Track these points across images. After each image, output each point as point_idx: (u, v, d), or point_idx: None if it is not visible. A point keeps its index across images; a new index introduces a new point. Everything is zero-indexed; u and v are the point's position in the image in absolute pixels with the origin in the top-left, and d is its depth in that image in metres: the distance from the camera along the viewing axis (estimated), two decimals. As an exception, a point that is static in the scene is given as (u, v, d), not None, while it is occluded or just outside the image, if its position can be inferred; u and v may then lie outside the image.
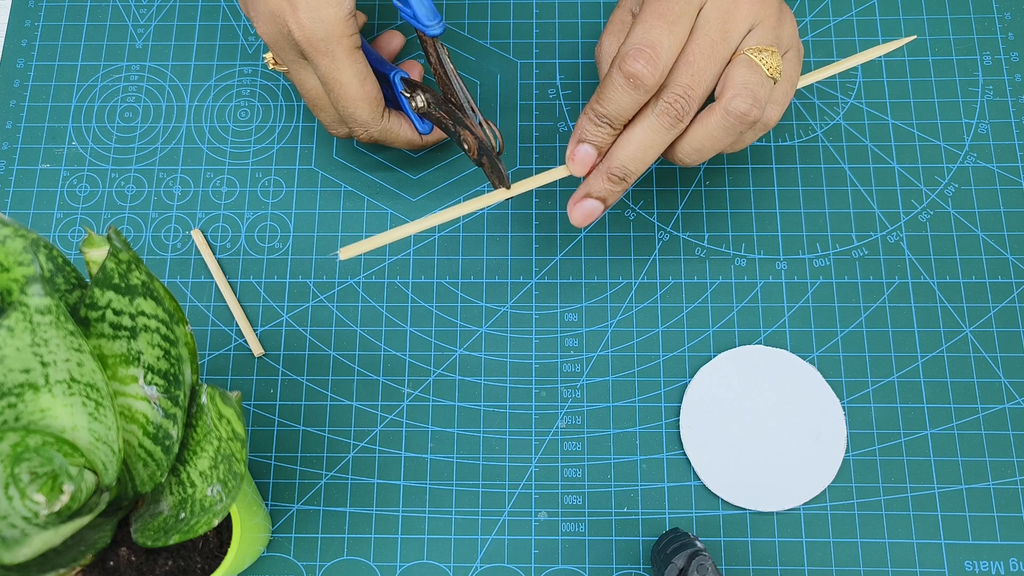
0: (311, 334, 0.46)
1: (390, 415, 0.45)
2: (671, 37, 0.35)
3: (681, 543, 0.38)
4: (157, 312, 0.30)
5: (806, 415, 0.44)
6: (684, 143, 0.38)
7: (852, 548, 0.42)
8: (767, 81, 0.36)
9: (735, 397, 0.44)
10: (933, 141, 0.48)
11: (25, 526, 0.29)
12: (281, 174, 0.49)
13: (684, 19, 0.36)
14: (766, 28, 0.37)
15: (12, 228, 0.30)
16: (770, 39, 0.37)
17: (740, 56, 0.37)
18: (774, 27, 0.38)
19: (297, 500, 0.44)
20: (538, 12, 0.52)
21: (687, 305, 0.46)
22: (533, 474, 0.44)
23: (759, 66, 0.36)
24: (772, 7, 0.38)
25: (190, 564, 0.36)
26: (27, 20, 0.53)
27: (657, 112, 0.36)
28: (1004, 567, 0.41)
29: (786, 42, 0.39)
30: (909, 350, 0.45)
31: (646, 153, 0.37)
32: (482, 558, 0.42)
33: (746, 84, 0.36)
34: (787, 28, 0.39)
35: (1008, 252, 0.46)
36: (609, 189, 0.38)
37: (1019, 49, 0.50)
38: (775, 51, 0.37)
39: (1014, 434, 0.43)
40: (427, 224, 0.39)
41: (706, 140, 0.37)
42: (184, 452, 0.32)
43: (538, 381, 0.45)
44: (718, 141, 0.37)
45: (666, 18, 0.35)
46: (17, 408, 0.29)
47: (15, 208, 0.49)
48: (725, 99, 0.36)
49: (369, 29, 0.52)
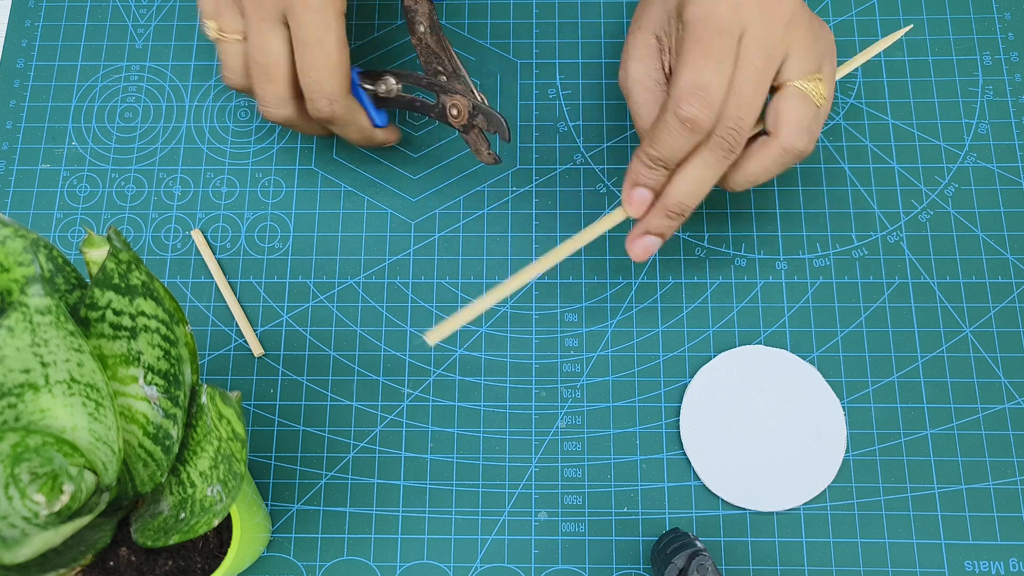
0: (311, 334, 0.46)
1: (390, 415, 0.45)
2: (719, 76, 0.35)
3: (681, 543, 0.38)
4: (157, 312, 0.30)
5: (806, 415, 0.44)
6: (738, 174, 0.39)
7: (852, 548, 0.42)
8: (819, 113, 0.37)
9: (735, 397, 0.44)
10: (933, 141, 0.48)
11: (25, 526, 0.29)
12: (281, 174, 0.49)
13: (728, 54, 0.36)
14: (804, 51, 0.37)
15: (12, 228, 0.30)
16: (812, 64, 0.38)
17: (790, 87, 0.37)
18: (811, 48, 0.38)
19: (297, 500, 0.44)
20: (538, 12, 0.52)
21: (687, 305, 0.46)
22: (533, 474, 0.44)
23: (810, 98, 0.37)
24: (803, 27, 0.38)
25: (190, 564, 0.36)
26: (27, 20, 0.53)
27: (711, 147, 0.37)
28: (1004, 567, 0.41)
29: (822, 57, 0.38)
30: (909, 350, 0.45)
31: (702, 187, 0.38)
32: (482, 558, 0.42)
33: (801, 121, 0.37)
34: (822, 43, 0.39)
35: (1008, 252, 0.46)
36: (667, 225, 0.39)
37: (1019, 49, 0.50)
38: (820, 77, 0.37)
39: (1014, 434, 0.43)
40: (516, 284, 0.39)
41: (761, 172, 0.38)
42: (184, 452, 0.32)
43: (538, 381, 0.45)
44: (772, 173, 0.38)
45: (712, 57, 0.36)
46: (17, 408, 0.29)
47: (15, 208, 0.49)
48: (783, 136, 0.37)
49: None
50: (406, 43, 0.51)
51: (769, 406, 0.44)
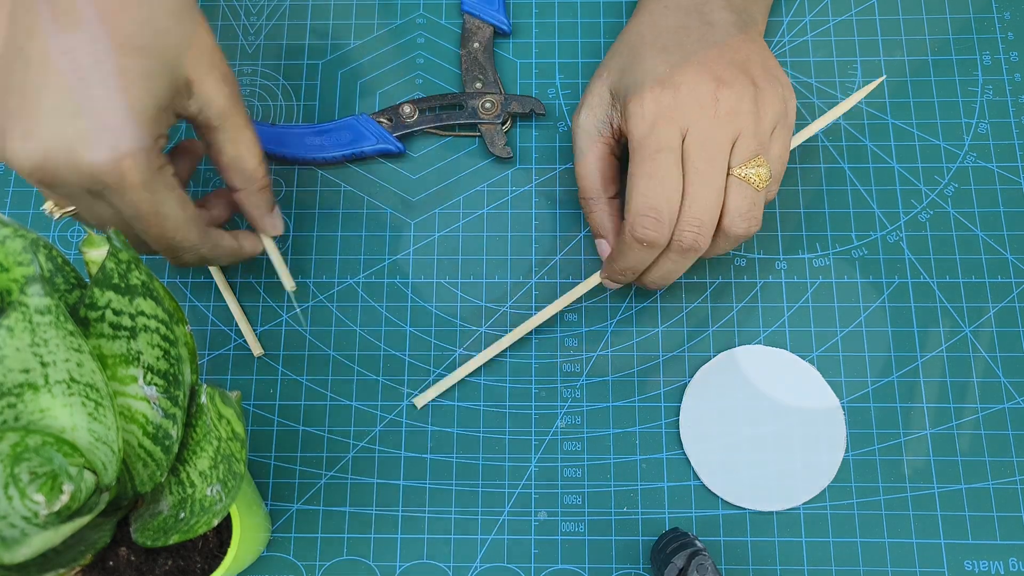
0: (311, 334, 0.46)
1: (390, 415, 0.45)
2: (666, 191, 0.38)
3: (681, 543, 0.38)
4: (157, 312, 0.30)
5: (806, 415, 0.44)
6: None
7: (852, 548, 0.42)
8: (758, 195, 0.39)
9: (735, 397, 0.44)
10: (933, 141, 0.48)
11: (25, 526, 0.29)
12: (281, 174, 0.49)
13: (672, 170, 0.38)
14: (747, 136, 0.38)
15: (12, 228, 0.30)
16: (753, 146, 0.38)
17: (730, 178, 0.38)
18: (756, 128, 0.39)
19: (297, 500, 0.44)
20: (538, 12, 0.52)
21: (687, 305, 0.46)
22: (533, 474, 0.44)
23: (747, 185, 0.38)
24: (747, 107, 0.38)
25: (190, 564, 0.36)
26: (27, 20, 0.53)
27: (675, 249, 0.39)
28: (1004, 567, 0.41)
29: (770, 124, 0.39)
30: (909, 350, 0.45)
31: (673, 276, 0.41)
32: (482, 558, 0.42)
33: (738, 209, 0.39)
34: (773, 109, 0.39)
35: (1008, 252, 0.46)
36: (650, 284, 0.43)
37: (1018, 49, 0.50)
38: (761, 160, 0.38)
39: (1014, 434, 0.43)
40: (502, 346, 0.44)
41: (717, 252, 0.41)
42: (184, 452, 0.32)
43: (538, 381, 0.45)
44: (727, 250, 0.41)
45: (656, 176, 0.38)
46: (17, 408, 0.29)
47: (15, 208, 0.49)
48: (724, 225, 0.39)
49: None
50: (406, 43, 0.51)
51: (769, 406, 0.44)
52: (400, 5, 0.52)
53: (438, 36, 0.52)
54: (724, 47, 0.40)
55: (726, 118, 0.38)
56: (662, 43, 0.41)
